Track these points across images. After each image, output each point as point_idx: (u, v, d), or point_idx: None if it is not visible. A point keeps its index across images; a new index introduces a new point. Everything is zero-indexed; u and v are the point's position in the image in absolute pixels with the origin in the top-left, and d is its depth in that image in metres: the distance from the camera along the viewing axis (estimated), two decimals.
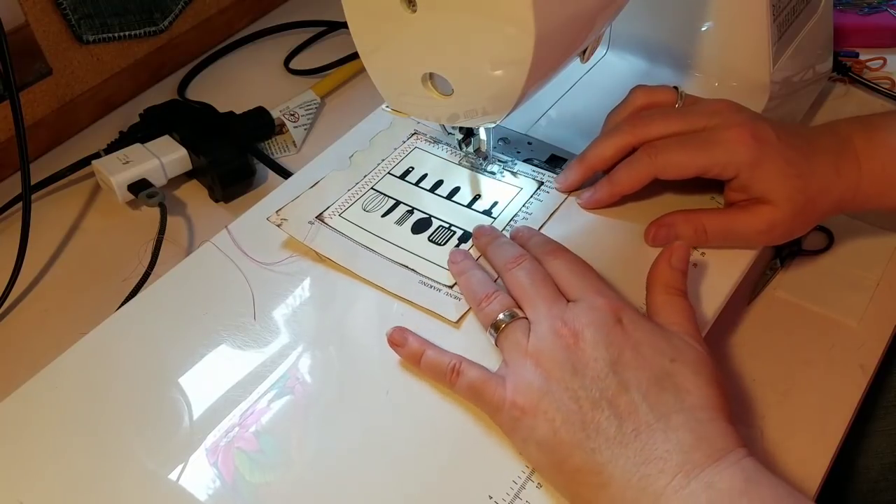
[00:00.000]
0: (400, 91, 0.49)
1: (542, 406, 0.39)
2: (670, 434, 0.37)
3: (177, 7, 0.78)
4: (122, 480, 0.42)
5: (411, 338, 0.45)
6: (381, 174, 0.56)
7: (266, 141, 0.72)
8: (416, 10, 0.41)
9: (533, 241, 0.48)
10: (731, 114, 0.49)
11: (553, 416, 0.39)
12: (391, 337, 0.45)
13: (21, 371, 0.47)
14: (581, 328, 0.41)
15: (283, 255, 0.51)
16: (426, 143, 0.58)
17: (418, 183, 0.55)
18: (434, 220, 0.52)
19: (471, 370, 0.42)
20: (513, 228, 0.51)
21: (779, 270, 0.58)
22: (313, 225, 0.52)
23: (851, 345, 0.53)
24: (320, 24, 0.84)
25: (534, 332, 0.42)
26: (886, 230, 0.59)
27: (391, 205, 0.53)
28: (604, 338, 0.40)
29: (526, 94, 0.44)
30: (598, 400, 0.39)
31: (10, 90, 0.58)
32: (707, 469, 0.36)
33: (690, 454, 0.37)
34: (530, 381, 0.40)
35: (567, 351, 0.40)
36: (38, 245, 0.63)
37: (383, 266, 0.50)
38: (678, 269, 0.44)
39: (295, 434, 0.43)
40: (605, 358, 0.40)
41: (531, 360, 0.41)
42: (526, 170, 0.55)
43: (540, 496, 0.40)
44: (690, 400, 0.39)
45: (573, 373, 0.39)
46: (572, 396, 0.39)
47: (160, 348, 0.47)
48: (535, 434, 0.39)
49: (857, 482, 0.57)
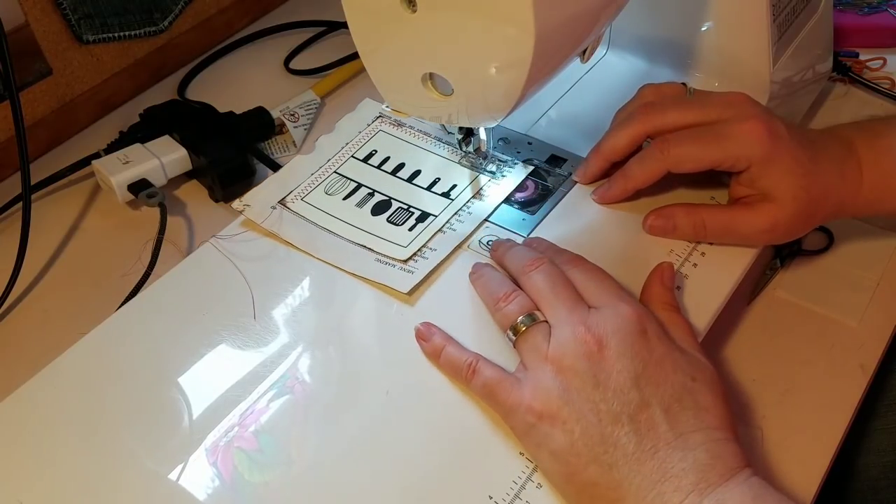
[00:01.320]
0: (400, 91, 0.49)
1: (562, 415, 0.39)
2: (688, 453, 0.37)
3: (177, 7, 0.78)
4: (122, 480, 0.42)
5: (437, 334, 0.45)
6: (345, 158, 0.56)
7: (266, 141, 0.71)
8: (416, 11, 0.41)
9: (548, 252, 0.48)
10: (745, 106, 0.49)
11: (572, 428, 0.38)
12: (419, 331, 0.45)
13: (21, 371, 0.47)
14: (606, 335, 0.40)
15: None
16: (390, 126, 0.58)
17: (380, 166, 0.56)
18: (394, 202, 0.53)
19: (487, 369, 0.42)
20: (525, 239, 0.51)
21: (779, 270, 0.58)
22: (275, 210, 0.53)
23: (851, 345, 0.53)
24: (320, 24, 0.84)
25: (554, 337, 0.41)
26: (886, 230, 0.59)
27: (352, 188, 0.54)
28: (629, 349, 0.40)
29: (526, 94, 0.44)
30: (619, 414, 0.38)
31: (10, 90, 0.58)
32: (719, 488, 0.37)
33: (706, 473, 0.37)
34: (549, 388, 0.40)
35: (590, 359, 0.40)
36: (38, 245, 0.63)
37: (342, 247, 0.51)
38: (668, 287, 0.45)
39: (294, 434, 0.43)
40: (630, 370, 0.39)
41: (552, 365, 0.40)
42: (522, 170, 0.55)
43: (540, 496, 0.40)
44: (709, 419, 0.39)
45: (595, 384, 0.39)
46: (593, 409, 0.39)
47: (160, 348, 0.47)
48: (550, 442, 0.39)
49: (858, 481, 0.57)
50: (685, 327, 0.44)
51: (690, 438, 0.38)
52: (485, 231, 0.52)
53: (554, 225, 0.52)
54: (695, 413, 0.39)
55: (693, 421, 0.39)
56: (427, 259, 0.50)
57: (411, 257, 0.50)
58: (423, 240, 0.51)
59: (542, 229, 0.52)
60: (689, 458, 0.37)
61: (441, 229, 0.51)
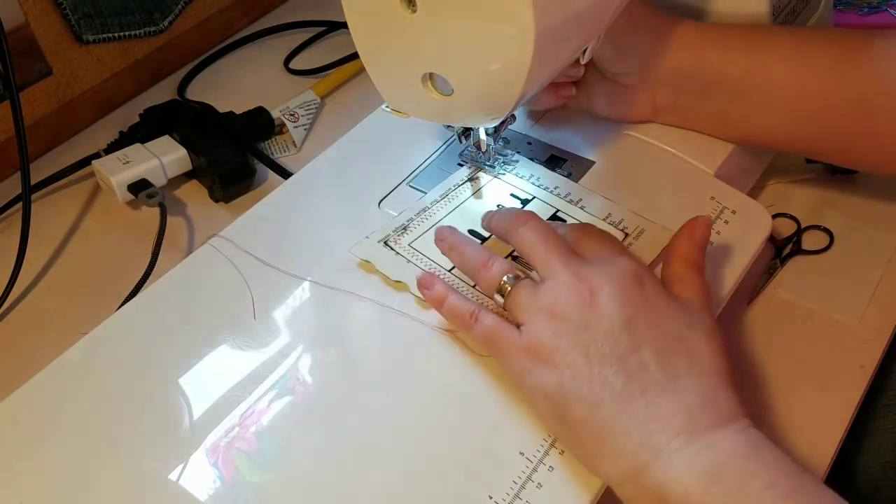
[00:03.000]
0: (400, 91, 0.49)
1: (553, 358, 0.39)
2: (678, 395, 0.37)
3: (177, 7, 0.78)
4: (122, 480, 0.42)
5: (438, 283, 0.45)
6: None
7: (266, 141, 0.72)
8: (415, 11, 0.41)
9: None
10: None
11: (562, 369, 0.39)
12: (421, 279, 0.45)
13: (21, 371, 0.47)
14: (599, 283, 0.40)
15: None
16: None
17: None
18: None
19: (488, 317, 0.43)
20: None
21: (779, 270, 0.58)
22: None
23: (851, 345, 0.53)
24: (320, 24, 0.84)
25: (546, 287, 0.41)
26: (886, 230, 0.59)
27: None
28: (621, 294, 0.40)
29: (526, 94, 0.44)
30: (608, 355, 0.38)
31: (10, 90, 0.58)
32: (711, 432, 0.36)
33: (696, 416, 0.37)
34: (542, 334, 0.40)
35: (581, 305, 0.40)
36: (38, 245, 0.63)
37: None
38: (698, 244, 0.44)
39: (295, 434, 0.43)
40: (621, 314, 0.39)
41: (544, 314, 0.41)
42: (524, 170, 0.55)
43: (540, 496, 0.40)
44: (702, 366, 0.39)
45: (585, 327, 0.39)
46: (583, 351, 0.39)
47: (160, 348, 0.47)
48: (544, 385, 0.39)
49: (858, 481, 0.57)
50: (699, 285, 0.43)
51: (681, 382, 0.38)
52: None
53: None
54: (687, 358, 0.39)
55: (685, 365, 0.38)
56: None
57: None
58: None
59: None
60: (679, 401, 0.37)
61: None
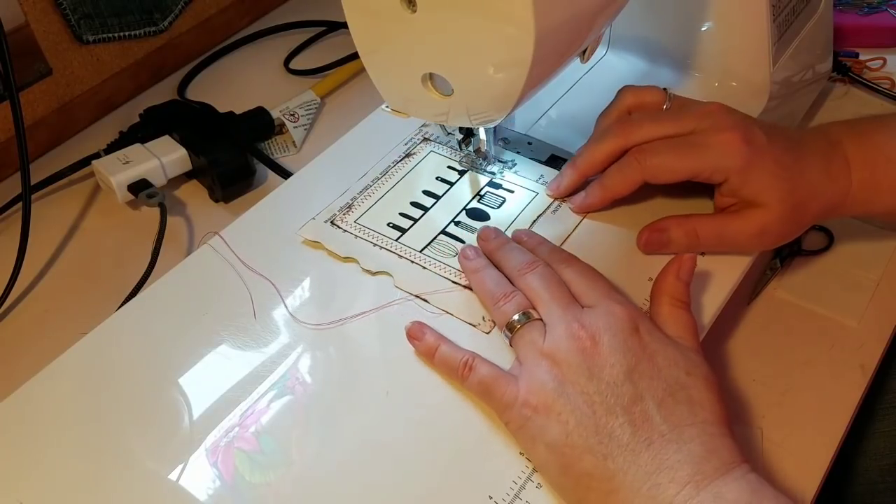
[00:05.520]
0: (400, 91, 0.49)
1: (556, 407, 0.39)
2: (682, 446, 0.38)
3: (177, 7, 0.78)
4: (122, 480, 0.42)
5: (428, 332, 0.45)
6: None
7: (266, 141, 0.72)
8: (415, 11, 0.41)
9: (541, 249, 0.48)
10: (721, 116, 0.49)
11: (567, 419, 0.39)
12: (409, 330, 0.45)
13: (21, 371, 0.47)
14: (598, 332, 0.40)
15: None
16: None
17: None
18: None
19: (483, 366, 0.43)
20: (514, 232, 0.51)
21: (779, 270, 0.58)
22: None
23: (851, 345, 0.53)
24: (320, 24, 0.84)
25: (549, 333, 0.42)
26: (886, 230, 0.59)
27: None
28: (621, 344, 0.40)
29: (526, 95, 0.44)
30: (613, 406, 0.39)
31: (10, 90, 0.58)
32: (716, 481, 0.37)
33: (701, 466, 0.37)
34: (544, 381, 0.40)
35: (583, 354, 0.40)
36: (38, 245, 0.63)
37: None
38: (684, 281, 0.44)
39: (295, 434, 0.43)
40: (622, 364, 0.39)
41: (546, 360, 0.41)
42: (526, 171, 0.55)
43: (540, 496, 0.40)
44: (703, 414, 0.39)
45: (589, 376, 0.39)
46: (587, 400, 0.39)
47: (160, 348, 0.47)
48: (545, 435, 0.39)
49: (857, 483, 0.57)
50: (687, 324, 0.43)
51: (685, 431, 0.38)
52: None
53: (547, 226, 0.52)
54: (688, 407, 0.39)
55: (687, 415, 0.39)
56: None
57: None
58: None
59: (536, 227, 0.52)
60: (684, 451, 0.37)
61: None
